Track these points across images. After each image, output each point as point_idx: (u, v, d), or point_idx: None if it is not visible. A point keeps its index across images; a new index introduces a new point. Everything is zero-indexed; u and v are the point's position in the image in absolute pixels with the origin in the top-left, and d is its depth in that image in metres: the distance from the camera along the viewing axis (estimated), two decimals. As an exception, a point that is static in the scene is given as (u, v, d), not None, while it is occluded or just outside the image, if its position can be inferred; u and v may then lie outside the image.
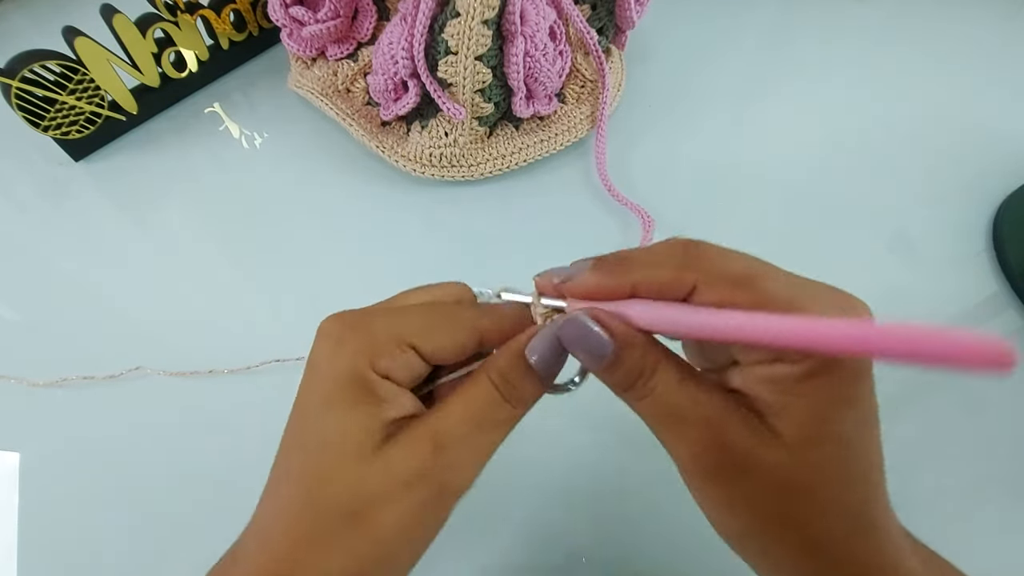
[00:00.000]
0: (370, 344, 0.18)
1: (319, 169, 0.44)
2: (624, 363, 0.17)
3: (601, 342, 0.17)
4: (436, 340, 0.18)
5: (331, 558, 0.17)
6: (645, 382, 0.17)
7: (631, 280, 0.17)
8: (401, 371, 0.18)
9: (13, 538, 0.30)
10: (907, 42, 0.53)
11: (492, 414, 0.18)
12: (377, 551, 0.17)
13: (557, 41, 0.39)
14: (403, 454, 0.17)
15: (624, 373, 0.17)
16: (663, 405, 0.17)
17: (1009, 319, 0.37)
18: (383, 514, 0.17)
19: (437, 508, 0.18)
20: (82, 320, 0.37)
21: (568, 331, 0.18)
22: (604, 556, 0.30)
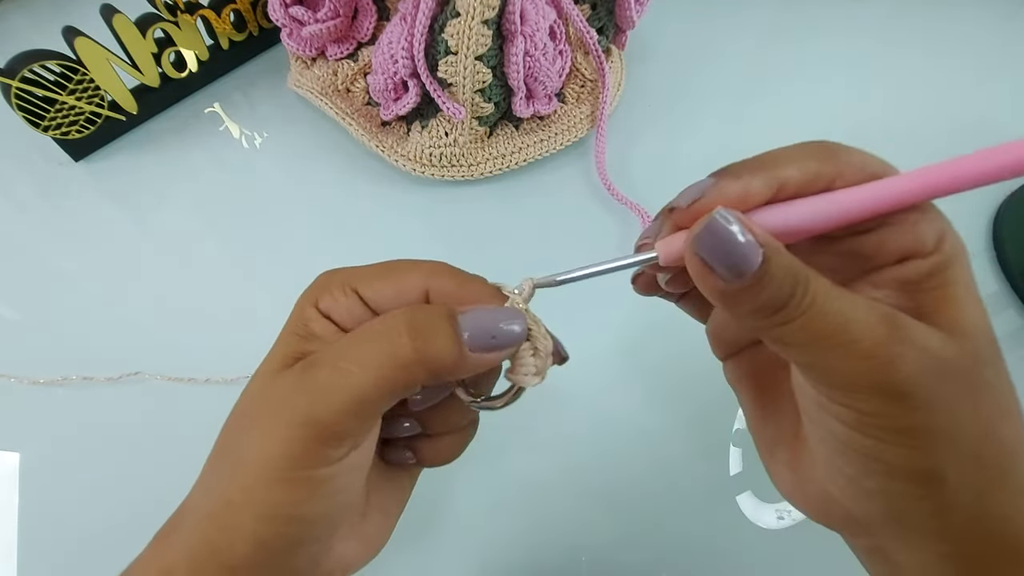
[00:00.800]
0: (320, 284, 0.19)
1: (319, 169, 0.44)
2: (776, 275, 0.14)
3: (749, 248, 0.14)
4: (379, 288, 0.18)
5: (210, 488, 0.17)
6: (802, 296, 0.14)
7: (779, 176, 0.15)
8: (343, 313, 0.18)
9: (13, 538, 0.30)
10: (907, 41, 0.53)
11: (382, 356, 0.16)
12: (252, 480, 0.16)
13: (557, 41, 0.39)
14: (284, 376, 0.17)
15: (776, 287, 0.14)
16: (830, 316, 0.14)
17: (1009, 319, 0.37)
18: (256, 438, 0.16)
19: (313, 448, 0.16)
20: (82, 320, 0.37)
21: (706, 239, 0.15)
22: (604, 556, 0.30)
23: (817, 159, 0.15)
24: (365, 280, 0.18)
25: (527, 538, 0.30)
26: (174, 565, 0.17)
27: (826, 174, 0.15)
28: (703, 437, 0.33)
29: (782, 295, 0.14)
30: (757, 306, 0.14)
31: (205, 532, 0.17)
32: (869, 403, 0.14)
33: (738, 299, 0.15)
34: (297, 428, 0.16)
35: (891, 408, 0.14)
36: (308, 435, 0.16)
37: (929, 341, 0.14)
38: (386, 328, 0.16)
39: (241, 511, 0.16)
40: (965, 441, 0.14)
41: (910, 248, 0.15)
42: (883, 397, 0.14)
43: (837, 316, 0.14)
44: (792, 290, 0.14)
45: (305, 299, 0.19)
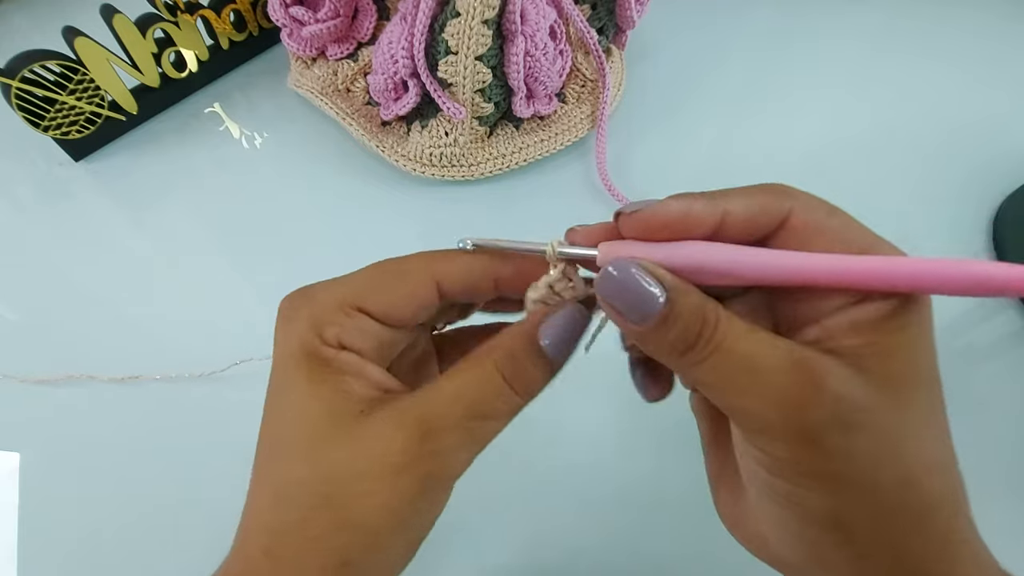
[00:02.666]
0: (315, 315, 0.17)
1: (319, 169, 0.44)
2: (682, 315, 0.14)
3: (650, 293, 0.14)
4: (383, 297, 0.17)
5: (306, 550, 0.15)
6: (711, 335, 0.14)
7: (724, 206, 0.15)
8: (356, 338, 0.17)
9: (13, 538, 0.30)
10: (907, 42, 0.53)
11: (492, 402, 0.16)
12: (360, 539, 0.15)
13: (557, 41, 0.39)
14: (384, 435, 0.15)
15: (682, 328, 0.14)
16: (737, 357, 0.14)
17: (1009, 319, 0.37)
18: (364, 499, 0.15)
19: (426, 496, 0.16)
20: (82, 320, 0.37)
21: (608, 285, 0.15)
22: (604, 556, 0.30)
23: (767, 195, 0.15)
24: (365, 294, 0.17)
25: (527, 539, 0.30)
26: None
27: (774, 210, 0.15)
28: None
29: (689, 336, 0.14)
30: (666, 347, 0.15)
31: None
32: (781, 448, 0.14)
33: (648, 340, 0.15)
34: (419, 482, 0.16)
35: (802, 454, 0.14)
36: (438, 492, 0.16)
37: (846, 388, 0.14)
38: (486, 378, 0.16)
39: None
40: (881, 490, 0.14)
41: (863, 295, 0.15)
42: (794, 443, 0.14)
43: (746, 359, 0.14)
44: (700, 331, 0.14)
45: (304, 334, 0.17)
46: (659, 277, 0.14)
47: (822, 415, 0.14)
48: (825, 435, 0.14)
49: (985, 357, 0.36)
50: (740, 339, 0.14)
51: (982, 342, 0.36)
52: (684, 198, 0.15)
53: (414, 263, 0.18)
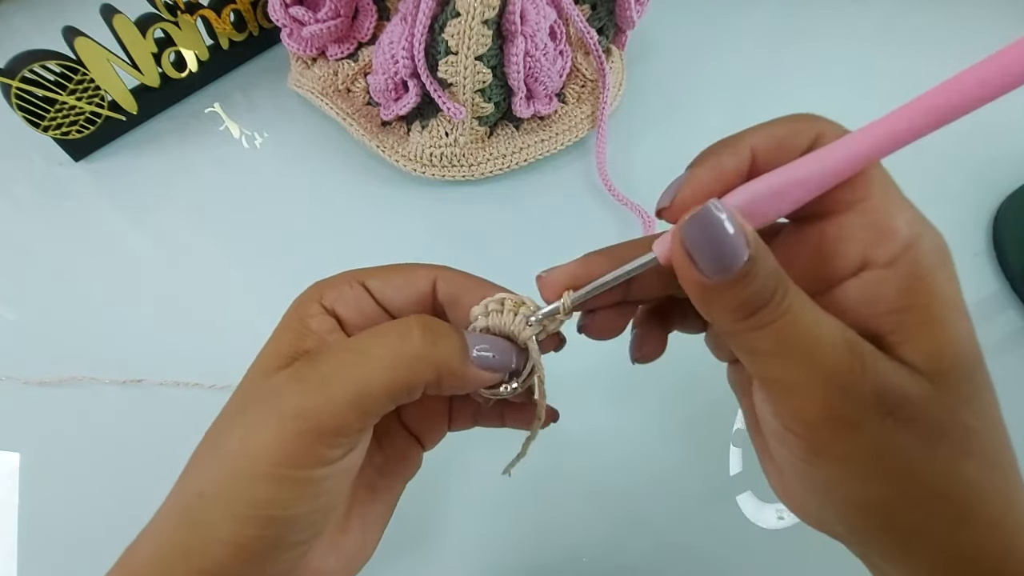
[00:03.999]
0: (325, 282, 0.18)
1: (319, 169, 0.44)
2: (760, 272, 0.13)
3: (737, 244, 0.13)
4: (386, 278, 0.18)
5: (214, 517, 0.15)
6: (781, 299, 0.14)
7: (746, 146, 0.15)
8: (348, 307, 0.18)
9: (13, 538, 0.30)
10: (907, 42, 0.53)
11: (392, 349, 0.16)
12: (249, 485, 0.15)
13: (557, 41, 0.39)
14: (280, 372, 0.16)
15: (759, 287, 0.13)
16: (801, 327, 0.14)
17: (1009, 319, 0.37)
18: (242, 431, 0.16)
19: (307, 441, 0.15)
20: (81, 320, 0.37)
21: (693, 231, 0.14)
22: (604, 556, 0.30)
23: (786, 124, 0.15)
24: (371, 274, 0.18)
25: (528, 538, 0.30)
26: (140, 573, 0.16)
27: (802, 133, 0.15)
28: (703, 437, 0.33)
29: (764, 295, 0.14)
30: (737, 304, 0.14)
31: (174, 533, 0.16)
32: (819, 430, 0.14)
33: (719, 295, 0.14)
34: (292, 421, 0.15)
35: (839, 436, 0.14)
36: (304, 429, 0.15)
37: (892, 377, 0.13)
38: (398, 325, 0.16)
39: (216, 507, 0.15)
40: (918, 481, 0.14)
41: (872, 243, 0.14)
42: (833, 423, 0.14)
43: (810, 329, 0.14)
44: (774, 292, 0.14)
45: (306, 296, 0.18)
46: (746, 231, 0.13)
47: (866, 399, 0.13)
48: (865, 420, 0.13)
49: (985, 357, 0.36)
50: (806, 309, 0.14)
51: (982, 342, 0.36)
52: (708, 159, 0.15)
53: (424, 265, 0.19)
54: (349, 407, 0.15)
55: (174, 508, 0.16)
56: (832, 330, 0.14)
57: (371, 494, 0.19)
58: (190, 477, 0.17)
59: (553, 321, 0.18)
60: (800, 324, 0.14)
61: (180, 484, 0.17)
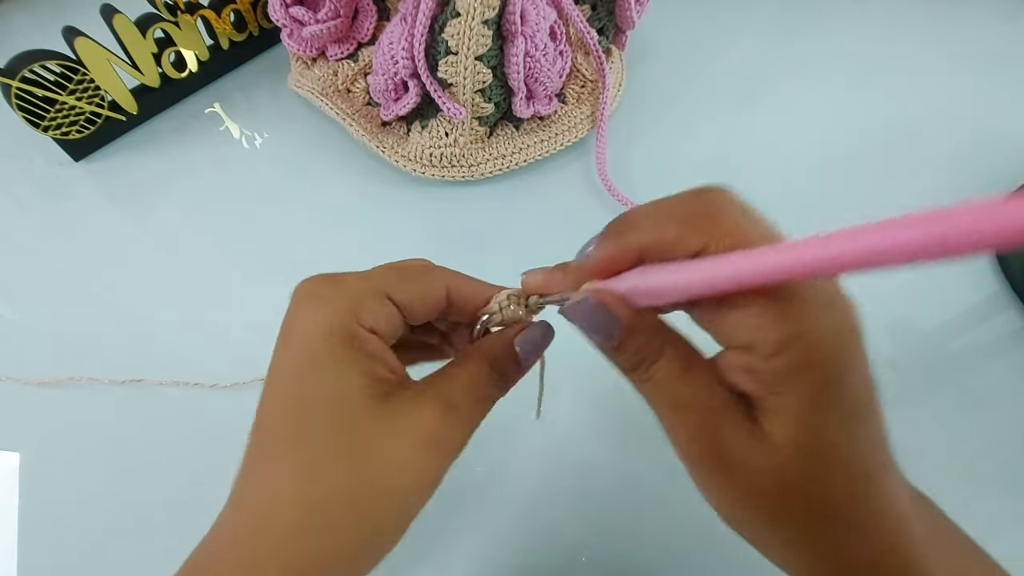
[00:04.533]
0: (352, 298, 0.18)
1: (319, 169, 0.44)
2: (629, 347, 0.17)
3: (609, 325, 0.17)
4: (412, 291, 0.19)
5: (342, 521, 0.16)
6: (648, 367, 0.17)
7: (637, 244, 0.17)
8: (385, 325, 0.18)
9: (13, 538, 0.30)
10: (907, 42, 0.53)
11: (486, 390, 0.19)
12: (394, 505, 0.17)
13: (557, 41, 0.39)
14: (413, 412, 0.17)
15: (628, 356, 0.17)
16: (663, 391, 0.17)
17: (1009, 319, 0.37)
18: (399, 469, 0.17)
19: (443, 466, 0.18)
20: (81, 320, 0.37)
21: (576, 313, 0.18)
22: (604, 556, 0.30)
23: (683, 225, 0.16)
24: (394, 286, 0.19)
25: (527, 537, 0.30)
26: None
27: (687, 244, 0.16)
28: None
29: (634, 361, 0.17)
30: (619, 363, 0.18)
31: None
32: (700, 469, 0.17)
33: (608, 355, 0.18)
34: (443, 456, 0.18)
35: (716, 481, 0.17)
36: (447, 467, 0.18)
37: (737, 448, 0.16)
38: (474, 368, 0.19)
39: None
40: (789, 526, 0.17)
41: (748, 341, 0.16)
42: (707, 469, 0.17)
43: (670, 397, 0.17)
44: (642, 360, 0.17)
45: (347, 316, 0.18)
46: (616, 313, 0.17)
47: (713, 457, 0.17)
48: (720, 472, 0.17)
49: (985, 357, 0.36)
50: (670, 378, 0.17)
51: (982, 342, 0.36)
52: (602, 243, 0.18)
53: (435, 270, 0.20)
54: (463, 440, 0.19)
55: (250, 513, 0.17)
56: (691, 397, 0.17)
57: None
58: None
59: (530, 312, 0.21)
60: (661, 389, 0.17)
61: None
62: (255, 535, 0.16)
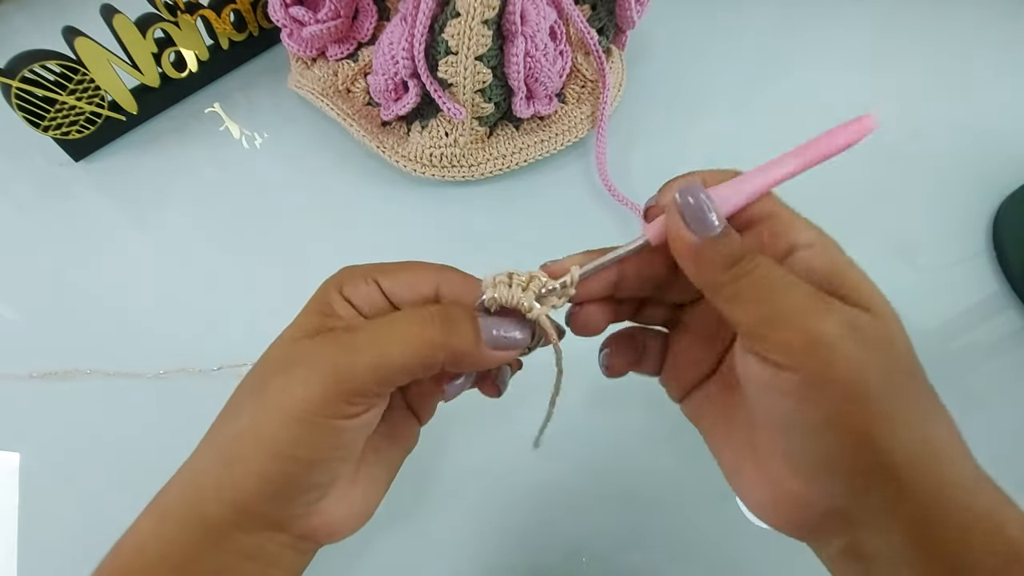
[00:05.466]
0: (344, 276, 0.21)
1: (319, 169, 0.44)
2: (733, 235, 0.18)
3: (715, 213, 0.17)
4: (396, 277, 0.20)
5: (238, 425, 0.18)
6: (753, 256, 0.17)
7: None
8: (361, 299, 0.20)
9: (13, 538, 0.30)
10: (907, 41, 0.53)
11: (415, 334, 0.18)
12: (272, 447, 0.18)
13: (557, 41, 0.39)
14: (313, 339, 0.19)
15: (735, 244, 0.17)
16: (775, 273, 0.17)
17: (1009, 319, 0.37)
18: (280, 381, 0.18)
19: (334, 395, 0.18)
20: (81, 320, 0.37)
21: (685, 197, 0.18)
22: (604, 556, 0.30)
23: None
24: (384, 272, 0.20)
25: (527, 538, 0.30)
26: (169, 507, 0.19)
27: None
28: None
29: (738, 251, 0.17)
30: (720, 257, 0.17)
31: (208, 469, 0.18)
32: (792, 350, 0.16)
33: (705, 252, 0.17)
34: (325, 375, 0.17)
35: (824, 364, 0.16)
36: (333, 385, 0.17)
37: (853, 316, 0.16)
38: (422, 314, 0.19)
39: (250, 444, 0.18)
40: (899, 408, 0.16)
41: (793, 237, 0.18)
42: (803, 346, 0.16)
43: (782, 275, 0.17)
44: (747, 248, 0.17)
45: (330, 284, 0.20)
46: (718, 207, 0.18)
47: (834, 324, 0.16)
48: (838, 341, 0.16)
49: (985, 357, 0.36)
50: (772, 264, 0.17)
51: (982, 342, 0.36)
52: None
53: (428, 265, 0.21)
54: (373, 375, 0.18)
55: (208, 449, 0.19)
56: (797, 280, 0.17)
57: (375, 456, 0.22)
58: (227, 421, 0.19)
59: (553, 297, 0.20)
60: (774, 271, 0.17)
61: (215, 429, 0.19)
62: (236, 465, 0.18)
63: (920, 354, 0.17)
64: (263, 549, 0.18)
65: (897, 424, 0.16)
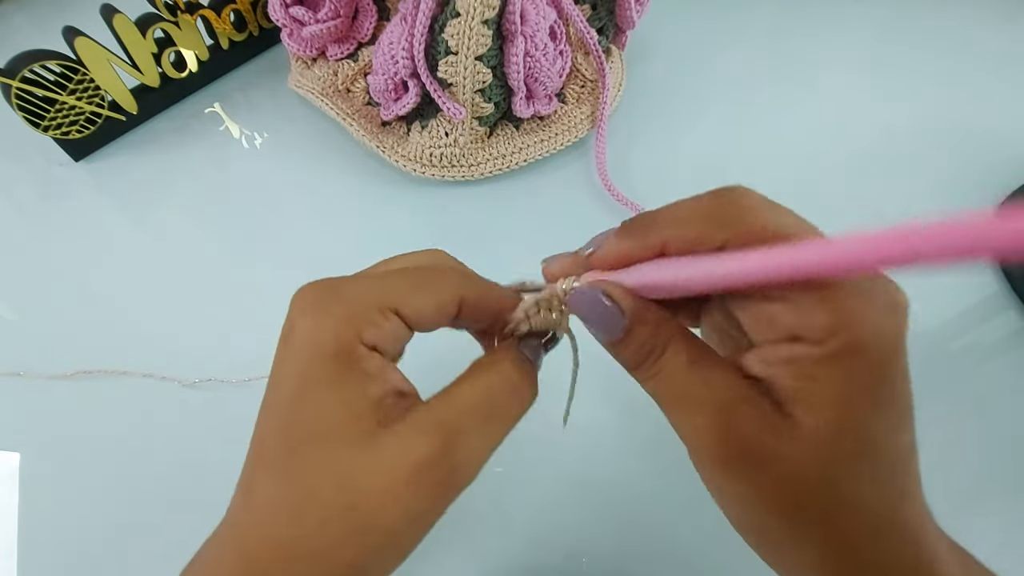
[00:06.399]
0: (355, 312, 0.16)
1: (319, 169, 0.44)
2: (634, 340, 0.17)
3: (613, 318, 0.17)
4: (419, 303, 0.17)
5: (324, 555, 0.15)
6: (654, 361, 0.16)
7: (659, 240, 0.16)
8: (388, 341, 0.17)
9: (13, 538, 0.30)
10: (907, 42, 0.53)
11: (507, 403, 0.17)
12: (379, 542, 0.15)
13: (557, 41, 0.39)
14: (407, 444, 0.15)
15: (634, 350, 0.17)
16: (672, 386, 0.17)
17: (1009, 319, 0.37)
18: (385, 509, 0.15)
19: (441, 500, 0.16)
20: (82, 320, 0.37)
21: (579, 304, 0.17)
22: (604, 556, 0.30)
23: (706, 222, 0.16)
24: (402, 298, 0.17)
25: (527, 540, 0.30)
26: None
27: (710, 239, 0.15)
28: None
29: (640, 356, 0.17)
30: (623, 359, 0.17)
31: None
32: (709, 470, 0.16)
33: (611, 350, 0.18)
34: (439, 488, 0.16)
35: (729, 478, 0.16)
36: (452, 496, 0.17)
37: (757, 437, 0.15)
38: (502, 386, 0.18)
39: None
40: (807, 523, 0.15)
41: (795, 331, 0.15)
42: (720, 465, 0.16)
43: (679, 390, 0.16)
44: (648, 354, 0.17)
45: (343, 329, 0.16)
46: (621, 305, 0.17)
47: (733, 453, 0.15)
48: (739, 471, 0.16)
49: (985, 357, 0.36)
50: (678, 371, 0.16)
51: (982, 342, 0.36)
52: (623, 237, 0.17)
53: (448, 277, 0.18)
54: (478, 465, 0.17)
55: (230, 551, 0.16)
56: (704, 391, 0.16)
57: None
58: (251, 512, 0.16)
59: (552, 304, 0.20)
60: (671, 384, 0.17)
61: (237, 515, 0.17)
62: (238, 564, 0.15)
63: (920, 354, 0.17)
64: None
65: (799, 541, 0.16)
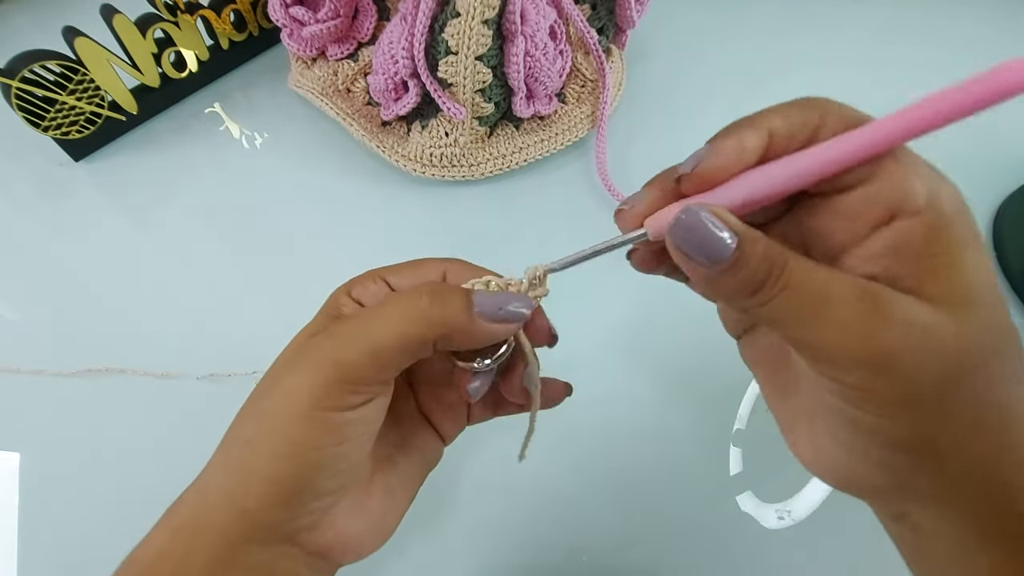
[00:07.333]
0: (353, 280, 0.21)
1: (319, 169, 0.44)
2: (749, 261, 0.15)
3: (720, 237, 0.15)
4: (402, 272, 0.21)
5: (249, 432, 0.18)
6: (778, 276, 0.15)
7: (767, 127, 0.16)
8: (369, 297, 0.20)
9: (13, 538, 0.30)
10: (907, 41, 0.53)
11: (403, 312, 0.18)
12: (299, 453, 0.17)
13: (557, 41, 0.39)
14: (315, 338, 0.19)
15: (750, 272, 0.15)
16: (807, 293, 0.15)
17: (1009, 319, 0.37)
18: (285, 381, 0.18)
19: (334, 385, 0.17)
20: (81, 320, 0.37)
21: (680, 232, 0.15)
22: (604, 556, 0.30)
23: (801, 109, 0.16)
24: (392, 270, 0.21)
25: (527, 538, 0.30)
26: (182, 520, 0.18)
27: (810, 122, 0.16)
28: (703, 437, 0.33)
29: (758, 276, 0.15)
30: (737, 288, 0.15)
31: (218, 478, 0.18)
32: (852, 376, 0.15)
33: (719, 282, 0.16)
34: (323, 368, 0.17)
35: (873, 382, 0.14)
36: (332, 375, 0.17)
37: (914, 315, 0.14)
38: (410, 292, 0.19)
39: (258, 449, 0.17)
40: (960, 412, 0.14)
41: (897, 202, 0.15)
42: (864, 370, 0.14)
43: (816, 293, 0.15)
44: (768, 271, 0.15)
45: (340, 289, 0.21)
46: (728, 223, 0.15)
47: (890, 342, 0.14)
48: (893, 362, 0.14)
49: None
50: (808, 275, 0.15)
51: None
52: (732, 135, 0.16)
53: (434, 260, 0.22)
54: (368, 357, 0.17)
55: (219, 458, 0.19)
56: (840, 286, 0.15)
57: (391, 466, 0.21)
58: (237, 429, 0.19)
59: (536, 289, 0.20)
60: (805, 293, 0.15)
61: (227, 438, 0.19)
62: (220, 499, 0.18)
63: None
64: (276, 566, 0.18)
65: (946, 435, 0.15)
